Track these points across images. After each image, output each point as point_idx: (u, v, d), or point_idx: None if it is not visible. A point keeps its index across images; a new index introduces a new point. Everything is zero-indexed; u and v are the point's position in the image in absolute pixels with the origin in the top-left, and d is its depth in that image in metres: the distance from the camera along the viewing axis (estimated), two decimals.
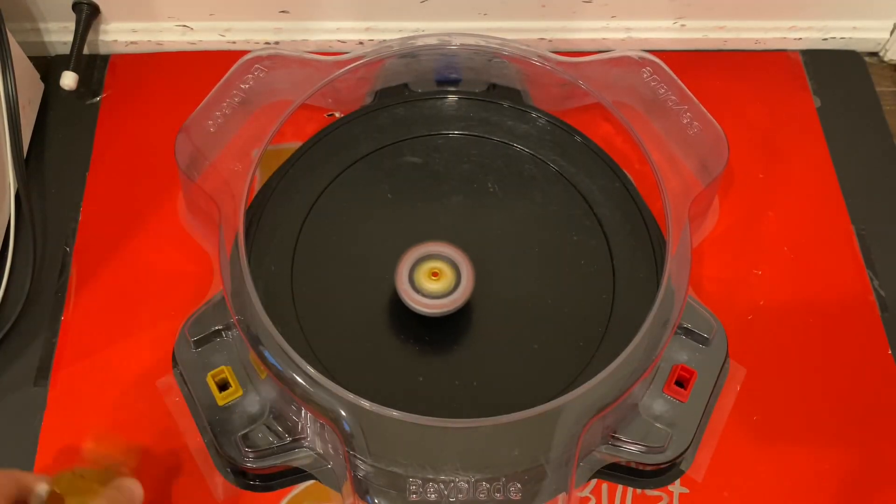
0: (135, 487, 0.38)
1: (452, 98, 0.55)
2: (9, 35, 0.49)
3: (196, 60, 0.59)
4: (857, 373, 0.48)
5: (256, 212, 0.50)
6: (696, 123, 0.51)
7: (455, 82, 0.55)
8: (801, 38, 0.61)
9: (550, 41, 0.60)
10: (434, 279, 0.45)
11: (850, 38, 0.61)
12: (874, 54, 0.62)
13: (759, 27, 0.60)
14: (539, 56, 0.53)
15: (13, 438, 0.45)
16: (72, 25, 0.56)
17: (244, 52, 0.53)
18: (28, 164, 0.53)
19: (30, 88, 0.55)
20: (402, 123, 0.54)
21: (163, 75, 0.58)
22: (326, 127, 0.53)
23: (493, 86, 0.55)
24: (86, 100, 0.57)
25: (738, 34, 0.60)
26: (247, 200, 0.48)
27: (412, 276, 0.45)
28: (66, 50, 0.56)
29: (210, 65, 0.55)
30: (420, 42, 0.53)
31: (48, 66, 0.58)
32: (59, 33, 0.59)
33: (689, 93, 0.52)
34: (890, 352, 0.49)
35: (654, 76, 0.53)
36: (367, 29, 0.59)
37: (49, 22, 0.58)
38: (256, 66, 0.52)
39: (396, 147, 0.53)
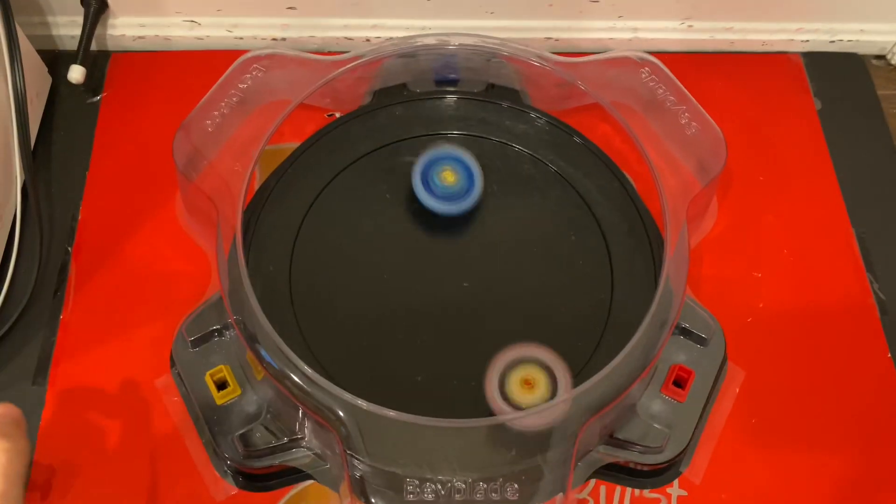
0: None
1: (451, 98, 0.55)
2: (18, 28, 0.49)
3: (197, 59, 0.59)
4: (856, 376, 0.48)
5: (254, 211, 0.50)
6: (694, 124, 0.51)
7: (454, 82, 0.55)
8: (808, 41, 0.61)
9: (557, 40, 0.60)
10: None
11: (858, 40, 0.61)
12: (881, 57, 0.62)
13: (767, 29, 0.60)
14: (538, 56, 0.53)
15: None
16: (80, 19, 0.57)
17: (250, 50, 0.53)
18: (34, 158, 0.53)
19: (38, 82, 0.55)
20: (401, 123, 0.54)
21: (164, 73, 0.58)
22: (325, 127, 0.53)
23: (492, 86, 0.55)
24: (87, 97, 0.57)
25: (744, 35, 0.60)
26: (245, 200, 0.48)
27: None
28: (74, 44, 0.56)
29: (212, 63, 0.55)
30: (418, 42, 0.53)
31: (55, 61, 0.58)
32: (68, 27, 0.59)
33: (688, 93, 0.52)
34: (889, 355, 0.49)
35: (653, 76, 0.53)
36: (374, 26, 0.59)
37: (57, 16, 0.59)
38: (254, 65, 0.53)
39: (395, 147, 0.53)
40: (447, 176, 0.49)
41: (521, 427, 0.42)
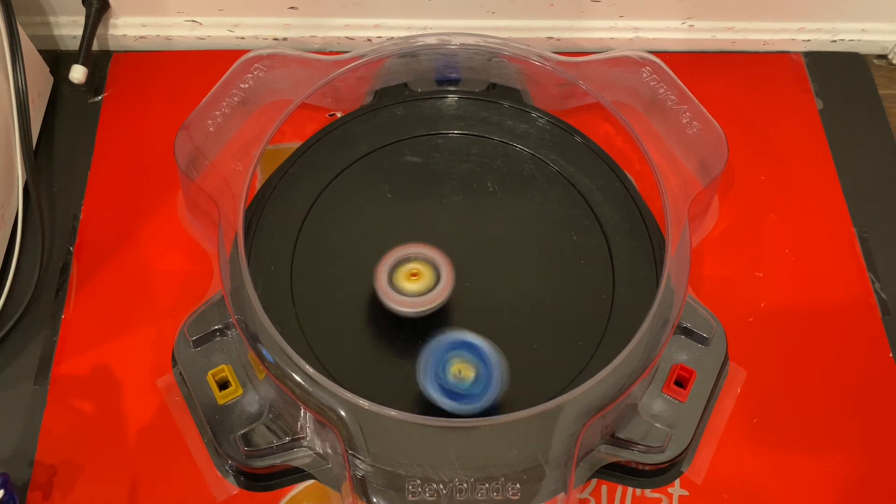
0: None
1: (452, 98, 0.55)
2: (19, 28, 0.49)
3: (199, 59, 0.59)
4: (858, 376, 0.48)
5: (256, 211, 0.50)
6: (695, 123, 0.51)
7: (455, 82, 0.55)
8: (809, 40, 0.61)
9: (558, 40, 0.60)
10: (413, 279, 0.45)
11: (859, 40, 0.61)
12: (883, 57, 0.62)
13: (768, 28, 0.60)
14: (539, 56, 0.53)
15: (13, 437, 0.45)
16: (81, 19, 0.57)
17: (251, 49, 0.53)
18: (36, 158, 0.53)
19: (39, 81, 0.55)
20: (402, 123, 0.54)
21: (166, 73, 0.58)
22: (326, 126, 0.53)
23: (493, 85, 0.55)
24: (89, 97, 0.57)
25: (746, 35, 0.60)
26: (246, 200, 0.48)
27: (392, 278, 0.45)
28: (76, 44, 0.57)
29: (213, 63, 0.55)
30: (420, 42, 0.54)
31: (57, 60, 0.58)
32: (69, 27, 0.59)
33: (689, 93, 0.52)
34: (891, 354, 0.49)
35: (654, 76, 0.53)
36: (376, 26, 0.59)
37: (59, 15, 0.59)
38: (256, 65, 0.53)
39: (396, 147, 0.53)
40: (461, 371, 0.42)
41: (409, 312, 0.44)
